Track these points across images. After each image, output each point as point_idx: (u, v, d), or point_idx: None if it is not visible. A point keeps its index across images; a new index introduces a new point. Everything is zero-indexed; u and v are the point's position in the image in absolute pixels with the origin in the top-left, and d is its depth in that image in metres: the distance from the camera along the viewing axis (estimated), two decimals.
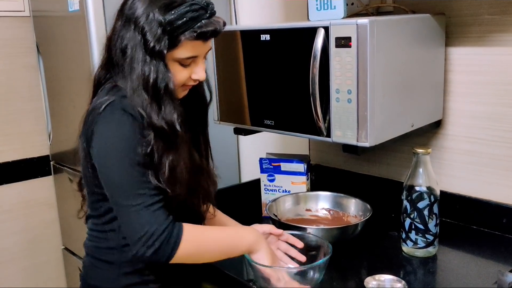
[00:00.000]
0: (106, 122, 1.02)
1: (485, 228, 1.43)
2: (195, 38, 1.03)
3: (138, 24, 1.02)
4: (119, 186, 1.01)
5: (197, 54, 1.08)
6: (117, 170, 1.01)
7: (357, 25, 1.13)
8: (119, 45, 1.05)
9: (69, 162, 2.18)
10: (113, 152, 1.01)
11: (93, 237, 1.17)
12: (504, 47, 1.33)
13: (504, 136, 1.37)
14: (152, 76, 1.02)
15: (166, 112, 1.04)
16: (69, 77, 1.99)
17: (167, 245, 1.00)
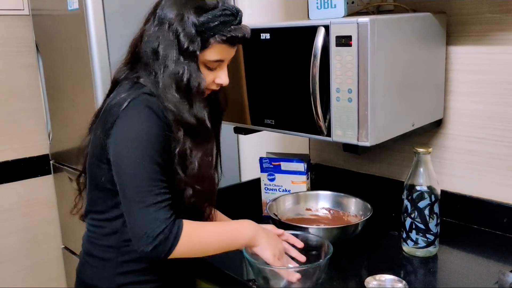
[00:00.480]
0: (129, 117, 1.03)
1: (486, 227, 1.42)
2: (224, 41, 1.08)
3: (172, 25, 1.06)
4: (132, 180, 1.01)
5: (223, 58, 1.12)
6: (133, 164, 1.01)
7: (357, 24, 1.12)
8: (150, 44, 1.08)
9: (69, 161, 2.17)
10: (131, 146, 1.02)
11: (92, 233, 1.17)
12: (505, 46, 1.32)
13: (505, 136, 1.36)
14: (186, 76, 1.06)
15: (197, 109, 1.07)
16: (69, 76, 1.98)
17: (166, 242, 1.01)
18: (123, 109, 1.04)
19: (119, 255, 1.13)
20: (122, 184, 1.03)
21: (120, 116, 1.04)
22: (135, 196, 1.01)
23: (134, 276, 1.14)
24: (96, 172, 1.12)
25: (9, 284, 2.33)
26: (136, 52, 1.12)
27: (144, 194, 1.01)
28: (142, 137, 1.02)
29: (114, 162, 1.05)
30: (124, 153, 1.03)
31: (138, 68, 1.11)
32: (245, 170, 2.24)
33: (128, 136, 1.03)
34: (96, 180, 1.13)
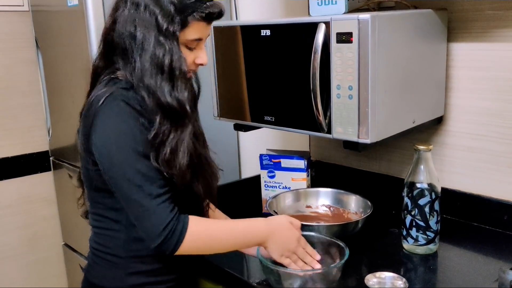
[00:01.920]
0: (107, 115, 1.01)
1: (486, 225, 1.42)
2: (203, 18, 1.06)
3: (149, 6, 1.03)
4: (124, 179, 1.00)
5: (202, 36, 1.09)
6: (121, 164, 1.00)
7: (358, 21, 1.12)
8: (127, 29, 1.04)
9: (68, 157, 2.17)
10: (116, 146, 1.00)
11: (99, 234, 1.16)
12: (507, 43, 1.31)
13: (506, 133, 1.36)
14: (168, 57, 1.03)
15: (178, 91, 1.04)
16: (68, 72, 1.98)
17: (171, 239, 1.00)
18: (99, 106, 1.01)
19: (128, 255, 1.11)
20: (116, 185, 1.02)
21: (97, 115, 1.02)
22: (131, 194, 1.00)
23: (144, 277, 1.13)
24: (89, 173, 1.10)
25: (10, 280, 2.33)
26: (109, 41, 1.08)
27: (139, 191, 1.00)
28: (124, 135, 1.00)
29: (102, 164, 1.03)
30: (110, 155, 1.01)
31: (115, 58, 1.08)
32: (245, 167, 2.24)
33: (109, 137, 1.01)
34: (91, 182, 1.11)
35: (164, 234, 0.99)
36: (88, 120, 1.05)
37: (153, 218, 1.00)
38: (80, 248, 2.26)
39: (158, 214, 1.00)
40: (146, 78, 1.02)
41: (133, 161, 1.00)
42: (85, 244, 2.18)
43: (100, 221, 1.14)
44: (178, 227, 1.01)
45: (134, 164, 1.00)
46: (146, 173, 1.00)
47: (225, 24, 1.45)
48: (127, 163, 1.00)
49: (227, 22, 1.47)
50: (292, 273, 1.11)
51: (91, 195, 1.15)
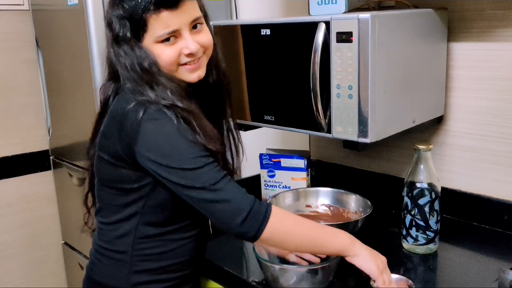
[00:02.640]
0: (152, 121, 1.00)
1: (486, 225, 1.42)
2: (156, 9, 1.01)
3: (110, 22, 1.05)
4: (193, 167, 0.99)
5: (173, 27, 1.03)
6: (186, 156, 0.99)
7: (358, 20, 1.12)
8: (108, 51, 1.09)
9: (68, 157, 2.17)
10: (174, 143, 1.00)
11: (105, 232, 1.15)
12: (507, 42, 1.31)
13: (506, 133, 1.36)
14: (136, 61, 1.03)
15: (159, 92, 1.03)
16: (69, 71, 1.98)
17: (254, 220, 0.99)
18: (142, 115, 1.00)
19: (133, 253, 1.11)
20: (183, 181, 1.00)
21: (142, 123, 1.00)
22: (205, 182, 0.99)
23: (149, 275, 1.12)
24: (108, 173, 1.09)
25: (9, 279, 2.34)
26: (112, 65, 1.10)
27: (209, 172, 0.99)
28: (175, 131, 1.00)
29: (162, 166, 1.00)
30: (170, 151, 1.00)
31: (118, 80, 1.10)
32: (245, 167, 2.23)
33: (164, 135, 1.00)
34: (109, 181, 1.11)
35: (248, 208, 0.98)
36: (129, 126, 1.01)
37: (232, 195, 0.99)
38: (80, 247, 2.27)
39: (236, 188, 1.00)
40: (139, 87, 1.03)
41: (193, 150, 1.00)
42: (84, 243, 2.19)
43: (109, 217, 1.13)
44: (263, 206, 1.00)
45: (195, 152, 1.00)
46: (208, 160, 1.00)
47: (225, 23, 1.45)
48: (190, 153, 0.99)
49: (227, 21, 1.47)
50: (288, 269, 1.12)
51: (103, 191, 1.14)
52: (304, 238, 1.06)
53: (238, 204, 0.99)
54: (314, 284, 1.10)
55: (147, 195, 1.08)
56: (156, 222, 1.10)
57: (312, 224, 1.10)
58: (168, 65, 1.06)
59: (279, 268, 1.12)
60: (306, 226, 1.07)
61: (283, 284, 1.11)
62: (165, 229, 1.11)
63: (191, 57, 1.08)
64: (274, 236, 1.02)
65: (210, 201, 1.00)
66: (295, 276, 1.10)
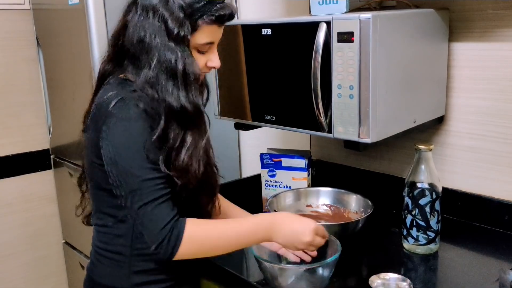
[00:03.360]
0: (118, 118, 1.00)
1: (487, 225, 1.42)
2: (213, 21, 1.04)
3: (158, 11, 1.02)
4: (130, 182, 1.00)
5: (213, 40, 1.08)
6: (130, 167, 1.00)
7: (359, 20, 1.11)
8: (136, 35, 1.03)
9: (69, 156, 2.17)
10: (127, 149, 1.00)
11: (103, 233, 1.15)
12: (508, 43, 1.31)
13: (507, 133, 1.36)
14: (181, 62, 1.02)
15: (194, 95, 1.04)
16: (69, 70, 1.97)
17: (168, 244, 0.99)
18: (112, 107, 1.01)
19: (132, 254, 1.11)
20: (122, 186, 1.02)
21: (109, 116, 1.01)
22: (134, 196, 1.00)
23: (148, 275, 1.12)
24: (96, 173, 1.10)
25: (10, 278, 2.34)
26: (119, 46, 1.07)
27: (141, 193, 0.99)
28: (134, 138, 1.00)
29: (108, 164, 1.03)
30: (118, 156, 1.01)
31: (125, 63, 1.07)
32: (246, 166, 2.24)
33: (120, 139, 1.01)
34: (97, 181, 1.11)
35: (161, 237, 0.99)
36: (98, 122, 1.04)
37: (152, 221, 1.00)
38: (80, 246, 2.27)
39: (158, 217, 1.00)
40: (159, 85, 1.02)
41: (142, 163, 1.00)
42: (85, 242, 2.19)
43: (105, 220, 1.14)
44: (174, 232, 1.00)
45: (142, 167, 1.00)
46: (152, 177, 1.00)
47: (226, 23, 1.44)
48: (136, 166, 1.00)
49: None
50: (286, 269, 1.12)
51: (96, 194, 1.14)
52: (226, 244, 1.06)
53: (152, 235, 1.00)
54: (315, 284, 1.10)
55: None
56: None
57: (232, 225, 1.08)
58: (200, 73, 1.09)
59: (279, 267, 1.12)
60: (224, 231, 1.06)
61: (282, 284, 1.11)
62: None
63: (210, 70, 1.13)
64: (190, 253, 1.03)
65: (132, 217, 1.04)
66: (294, 276, 1.10)
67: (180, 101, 1.02)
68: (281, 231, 1.07)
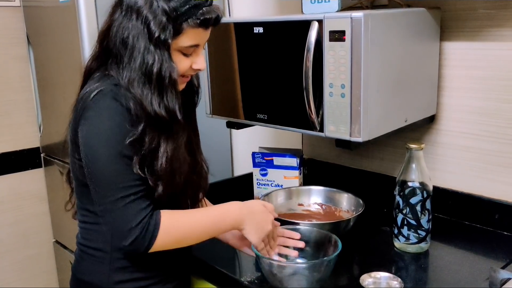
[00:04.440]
0: (95, 110, 1.01)
1: (478, 223, 1.43)
2: (198, 25, 1.03)
3: (141, 13, 1.01)
4: (102, 175, 1.00)
5: (198, 42, 1.07)
6: (102, 160, 0.99)
7: (351, 19, 1.11)
8: (119, 36, 1.03)
9: (59, 154, 2.15)
10: (100, 142, 1.00)
11: (85, 230, 1.15)
12: (499, 42, 1.32)
13: (498, 132, 1.36)
14: (157, 66, 1.01)
15: (168, 100, 1.03)
16: (60, 68, 1.96)
17: (144, 236, 0.99)
18: (90, 99, 1.01)
19: (113, 250, 1.10)
20: (93, 180, 1.02)
21: (86, 109, 1.01)
22: (107, 191, 1.00)
23: (129, 273, 1.12)
24: (77, 168, 1.10)
25: (1, 277, 2.32)
26: (105, 45, 1.07)
27: (116, 190, 0.99)
28: (109, 132, 0.99)
29: (84, 157, 1.03)
30: (93, 149, 1.00)
31: (107, 61, 1.07)
32: (238, 165, 2.23)
33: (96, 132, 1.00)
34: (77, 176, 1.11)
35: (135, 233, 0.98)
36: (77, 114, 1.05)
37: (125, 217, 0.99)
38: (71, 245, 2.25)
39: (131, 213, 0.99)
40: (134, 87, 1.01)
41: (114, 159, 0.99)
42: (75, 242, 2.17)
43: (87, 216, 1.14)
44: (151, 224, 1.00)
45: (114, 162, 0.99)
46: (123, 173, 1.00)
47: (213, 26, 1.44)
48: (108, 160, 0.99)
49: None
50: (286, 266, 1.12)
51: (78, 190, 1.14)
52: (199, 232, 1.08)
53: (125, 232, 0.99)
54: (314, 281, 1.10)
55: None
56: None
57: (200, 216, 1.10)
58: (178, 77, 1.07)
59: (278, 264, 1.12)
60: (197, 219, 1.08)
61: (282, 281, 1.11)
62: None
63: (195, 72, 1.12)
64: (166, 243, 1.04)
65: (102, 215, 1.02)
66: (295, 272, 1.10)
67: (153, 107, 1.01)
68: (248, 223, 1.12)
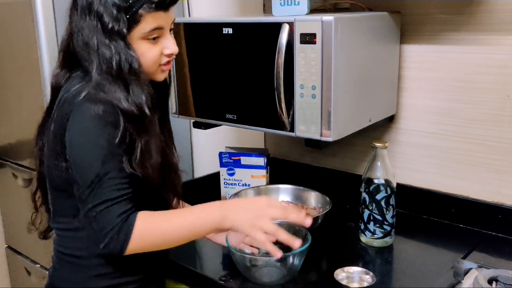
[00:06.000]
0: (84, 113, 0.98)
1: (436, 217, 1.50)
2: (155, 9, 1.02)
3: (93, 9, 1.00)
4: (88, 177, 0.98)
5: (161, 25, 1.05)
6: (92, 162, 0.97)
7: (322, 22, 1.15)
8: (80, 37, 1.02)
9: (13, 156, 2.08)
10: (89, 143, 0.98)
11: (63, 237, 1.13)
12: (455, 45, 1.39)
13: (453, 130, 1.44)
14: (115, 58, 1.00)
15: (134, 94, 1.01)
16: (15, 68, 1.89)
17: (117, 239, 0.97)
18: (81, 99, 0.99)
19: (91, 257, 1.08)
20: (78, 181, 1.00)
21: (76, 108, 0.99)
22: (90, 192, 0.98)
23: (108, 279, 1.10)
24: (57, 174, 1.06)
25: None
26: (70, 52, 1.06)
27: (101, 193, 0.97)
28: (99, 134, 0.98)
29: (70, 159, 1.01)
30: (81, 151, 0.99)
31: (75, 67, 1.06)
32: (198, 166, 2.23)
33: (83, 133, 0.99)
34: (57, 182, 1.08)
35: (109, 236, 0.97)
36: (63, 115, 1.01)
37: (103, 220, 0.98)
38: (25, 250, 2.17)
39: (109, 216, 0.98)
40: (104, 80, 1.00)
41: (105, 159, 0.97)
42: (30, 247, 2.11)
43: (64, 223, 1.11)
44: (124, 227, 0.98)
45: (105, 163, 0.97)
46: (114, 176, 0.98)
47: (185, 20, 1.44)
48: (98, 161, 0.97)
49: (187, 18, 1.46)
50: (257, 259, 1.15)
51: (58, 197, 1.11)
52: (178, 234, 1.02)
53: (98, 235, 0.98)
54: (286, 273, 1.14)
55: None
56: None
57: (181, 217, 1.03)
58: (151, 64, 1.06)
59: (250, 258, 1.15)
60: (176, 222, 1.02)
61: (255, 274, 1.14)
62: None
63: (170, 57, 1.10)
64: (143, 246, 1.01)
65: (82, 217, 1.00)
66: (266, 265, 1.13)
67: (121, 101, 0.99)
68: (235, 210, 1.03)
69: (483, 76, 1.36)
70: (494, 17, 1.31)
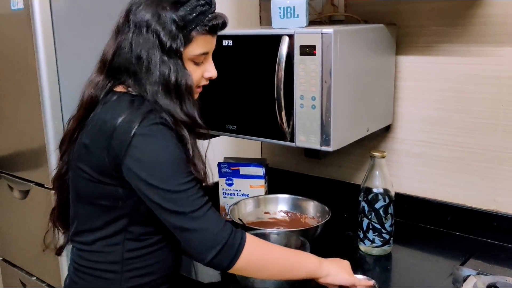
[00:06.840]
0: (147, 138, 0.99)
1: (432, 225, 1.52)
2: (207, 32, 1.07)
3: (151, 26, 1.02)
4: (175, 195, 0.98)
5: (208, 50, 1.10)
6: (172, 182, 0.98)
7: (322, 34, 1.17)
8: (134, 53, 1.03)
9: (9, 168, 2.06)
10: (164, 166, 0.99)
11: (88, 252, 1.10)
12: (448, 56, 1.43)
13: (447, 139, 1.47)
14: (173, 75, 1.03)
15: (187, 108, 1.05)
16: (12, 78, 1.88)
17: (230, 249, 1.00)
18: (137, 128, 0.98)
19: (123, 269, 1.08)
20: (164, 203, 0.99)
21: (135, 137, 0.98)
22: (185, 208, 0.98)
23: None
24: (92, 189, 1.06)
25: None
26: (113, 64, 1.07)
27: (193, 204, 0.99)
28: (170, 152, 0.99)
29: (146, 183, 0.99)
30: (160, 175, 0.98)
31: (122, 78, 1.07)
32: None
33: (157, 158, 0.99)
34: (90, 197, 1.07)
35: (220, 241, 0.99)
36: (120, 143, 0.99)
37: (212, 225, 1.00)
38: (20, 262, 2.15)
39: (212, 222, 1.00)
40: (160, 98, 1.02)
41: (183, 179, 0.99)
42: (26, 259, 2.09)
43: (90, 237, 1.10)
44: (236, 240, 1.01)
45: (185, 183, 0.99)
46: (193, 188, 1.00)
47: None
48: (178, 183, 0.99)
49: None
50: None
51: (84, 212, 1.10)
52: (277, 267, 1.08)
53: (213, 236, 1.00)
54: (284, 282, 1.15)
55: (133, 210, 1.05)
56: (144, 234, 1.08)
57: (284, 251, 1.13)
58: (194, 85, 1.09)
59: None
60: (278, 254, 1.09)
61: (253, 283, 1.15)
62: (152, 240, 1.10)
63: (207, 81, 1.15)
64: (247, 267, 1.04)
65: (186, 229, 1.00)
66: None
67: (178, 113, 1.03)
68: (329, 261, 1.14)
69: (477, 86, 1.40)
70: (487, 29, 1.35)
